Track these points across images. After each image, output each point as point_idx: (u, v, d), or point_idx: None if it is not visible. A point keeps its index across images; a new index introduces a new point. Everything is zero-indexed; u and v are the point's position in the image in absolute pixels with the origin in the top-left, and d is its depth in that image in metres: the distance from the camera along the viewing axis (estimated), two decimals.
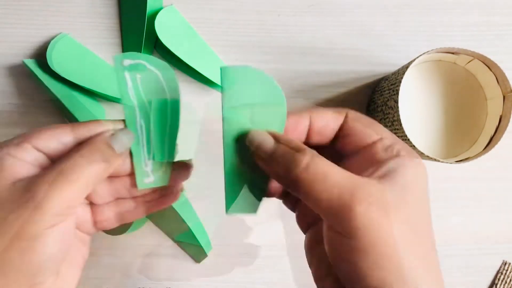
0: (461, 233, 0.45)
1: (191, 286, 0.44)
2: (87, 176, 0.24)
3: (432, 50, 0.37)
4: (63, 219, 0.23)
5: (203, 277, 0.44)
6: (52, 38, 0.42)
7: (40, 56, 0.43)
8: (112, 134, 0.26)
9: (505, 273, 0.45)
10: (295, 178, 0.23)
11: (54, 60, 0.41)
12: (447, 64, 0.42)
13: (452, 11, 0.45)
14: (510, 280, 0.45)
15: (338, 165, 0.23)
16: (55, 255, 0.23)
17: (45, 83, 0.41)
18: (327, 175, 0.22)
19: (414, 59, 0.37)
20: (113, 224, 0.29)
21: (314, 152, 0.24)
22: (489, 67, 0.38)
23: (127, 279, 0.44)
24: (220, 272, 0.44)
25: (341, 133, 0.27)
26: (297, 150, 0.24)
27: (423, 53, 0.37)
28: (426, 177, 0.24)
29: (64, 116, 0.43)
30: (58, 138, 0.25)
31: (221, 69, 0.26)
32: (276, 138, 0.25)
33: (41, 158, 0.25)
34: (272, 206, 0.43)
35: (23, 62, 0.41)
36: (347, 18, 0.45)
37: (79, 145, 0.25)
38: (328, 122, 0.27)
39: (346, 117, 0.27)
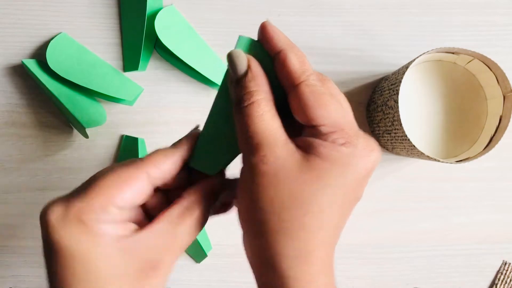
0: (461, 233, 0.45)
1: (191, 286, 0.44)
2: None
3: (432, 50, 0.37)
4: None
5: (203, 277, 0.44)
6: (52, 38, 0.42)
7: (40, 56, 0.43)
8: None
9: (505, 273, 0.45)
10: (238, 110, 0.24)
11: (54, 60, 0.41)
12: (447, 64, 0.42)
13: (452, 11, 0.45)
14: (510, 280, 0.45)
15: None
16: None
17: (44, 83, 0.41)
18: (258, 120, 0.23)
19: (414, 59, 0.37)
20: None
21: (266, 98, 0.24)
22: (489, 67, 0.38)
23: None
24: (219, 272, 0.44)
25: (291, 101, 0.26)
26: (253, 89, 0.24)
27: (423, 53, 0.37)
28: (358, 176, 0.23)
29: (64, 116, 0.43)
30: (137, 189, 0.24)
31: (239, 37, 0.27)
32: (249, 68, 0.25)
33: (125, 214, 0.24)
34: None
35: (23, 62, 0.41)
36: (347, 18, 0.45)
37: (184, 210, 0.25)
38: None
39: (299, 86, 0.25)
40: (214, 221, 0.44)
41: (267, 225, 0.23)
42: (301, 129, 0.24)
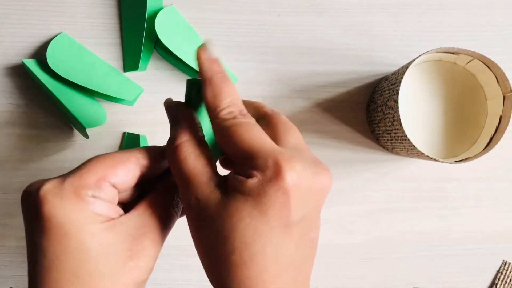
0: (461, 233, 0.45)
1: (191, 286, 0.44)
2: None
3: (432, 50, 0.37)
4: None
5: (203, 277, 0.44)
6: (52, 38, 0.42)
7: (40, 56, 0.43)
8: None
9: (505, 273, 0.45)
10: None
11: (54, 60, 0.41)
12: (447, 64, 0.42)
13: (452, 11, 0.45)
14: (510, 280, 0.45)
15: None
16: None
17: (44, 83, 0.41)
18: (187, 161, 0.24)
19: (414, 59, 0.37)
20: None
21: (190, 145, 0.25)
22: (489, 67, 0.38)
23: None
24: None
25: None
26: (173, 137, 0.25)
27: (423, 53, 0.37)
28: (277, 210, 0.22)
29: (64, 116, 0.43)
30: (131, 173, 0.25)
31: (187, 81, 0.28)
32: (170, 114, 0.27)
33: (115, 194, 0.25)
34: None
35: (23, 62, 0.41)
36: (347, 18, 0.45)
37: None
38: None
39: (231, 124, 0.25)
40: None
41: (205, 264, 0.24)
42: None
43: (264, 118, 0.26)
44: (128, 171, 0.25)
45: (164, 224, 0.26)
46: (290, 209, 0.22)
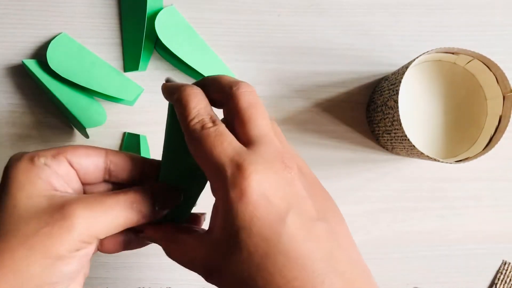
0: (461, 233, 0.45)
1: (191, 286, 0.44)
2: (122, 218, 0.25)
3: (432, 50, 0.37)
4: (87, 246, 0.24)
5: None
6: (52, 38, 0.42)
7: (40, 56, 0.43)
8: (159, 191, 0.27)
9: (505, 273, 0.45)
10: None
11: (54, 60, 0.41)
12: (447, 64, 0.42)
13: (452, 11, 0.45)
14: (510, 280, 0.45)
15: None
16: (70, 274, 0.24)
17: (45, 83, 0.41)
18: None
19: (414, 59, 0.37)
20: (116, 250, 0.29)
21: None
22: (489, 67, 0.38)
23: (127, 279, 0.44)
24: None
25: None
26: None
27: (423, 53, 0.37)
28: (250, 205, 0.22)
29: (64, 116, 0.43)
30: (92, 159, 0.26)
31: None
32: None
33: (72, 175, 0.26)
34: None
35: (23, 63, 0.41)
36: (347, 18, 0.45)
37: (128, 189, 0.26)
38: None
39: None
40: None
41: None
42: None
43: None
44: (87, 155, 0.26)
45: (112, 221, 0.25)
46: (265, 217, 0.21)
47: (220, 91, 0.25)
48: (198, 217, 0.30)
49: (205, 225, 0.27)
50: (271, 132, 0.24)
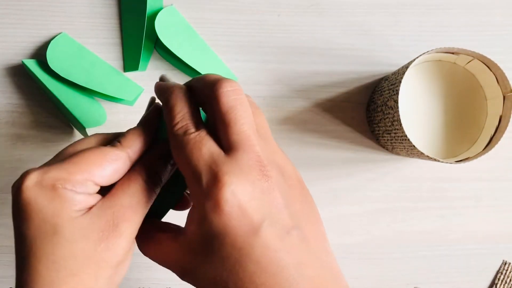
0: (461, 233, 0.45)
1: (191, 286, 0.44)
2: (151, 201, 0.26)
3: (432, 50, 0.37)
4: (134, 244, 0.25)
5: None
6: (52, 38, 0.42)
7: (40, 56, 0.43)
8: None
9: (505, 273, 0.45)
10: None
11: (54, 60, 0.41)
12: (447, 64, 0.42)
13: (452, 11, 0.45)
14: (510, 280, 0.45)
15: None
16: (125, 272, 0.25)
17: (44, 83, 0.41)
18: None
19: (414, 59, 0.37)
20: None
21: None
22: (489, 67, 0.38)
23: (127, 279, 0.44)
24: None
25: None
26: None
27: (423, 53, 0.37)
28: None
29: (64, 116, 0.43)
30: (120, 173, 0.26)
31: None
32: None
33: (97, 189, 0.25)
34: None
35: (23, 62, 0.41)
36: (347, 18, 0.45)
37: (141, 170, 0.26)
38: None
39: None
40: None
41: None
42: None
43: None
44: (116, 170, 0.25)
45: (139, 200, 0.25)
46: (237, 228, 0.22)
47: (203, 92, 0.25)
48: (186, 200, 0.30)
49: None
50: (251, 136, 0.23)
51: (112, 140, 0.27)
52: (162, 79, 0.28)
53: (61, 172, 0.24)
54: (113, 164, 0.25)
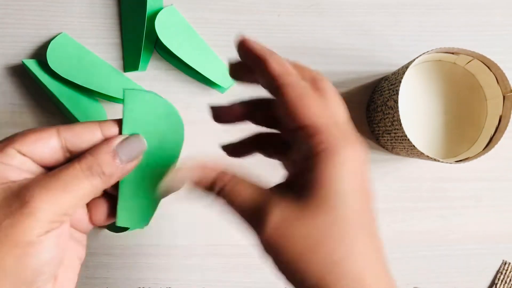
0: (461, 233, 0.45)
1: (191, 286, 0.44)
2: (85, 189, 0.24)
3: (432, 50, 0.37)
4: (58, 225, 0.23)
5: (203, 277, 0.44)
6: (52, 38, 0.42)
7: (40, 56, 0.43)
8: (121, 142, 0.25)
9: (505, 273, 0.45)
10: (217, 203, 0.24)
11: (54, 60, 0.41)
12: (447, 64, 0.42)
13: (452, 11, 0.45)
14: (510, 280, 0.45)
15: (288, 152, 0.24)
16: (51, 260, 0.23)
17: (45, 83, 0.41)
18: (235, 204, 0.23)
19: (414, 59, 0.37)
20: (106, 220, 0.28)
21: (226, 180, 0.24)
22: (489, 67, 0.38)
23: (127, 279, 0.44)
24: (219, 272, 0.44)
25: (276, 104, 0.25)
26: (208, 189, 0.24)
27: (423, 53, 0.37)
28: (356, 171, 0.23)
29: (64, 116, 0.43)
30: (44, 143, 0.24)
31: (124, 91, 0.26)
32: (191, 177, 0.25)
33: (28, 163, 0.24)
34: None
35: (23, 63, 0.41)
36: (347, 18, 0.45)
37: (81, 155, 0.24)
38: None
39: (286, 90, 0.24)
40: (213, 221, 0.44)
41: (294, 268, 0.22)
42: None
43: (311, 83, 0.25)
44: (37, 140, 0.24)
45: (67, 188, 0.23)
46: (364, 184, 0.23)
47: (301, 71, 0.25)
48: None
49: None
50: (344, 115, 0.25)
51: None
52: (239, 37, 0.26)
53: None
54: (37, 133, 0.24)
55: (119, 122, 0.26)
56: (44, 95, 0.43)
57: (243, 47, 0.25)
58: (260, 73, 0.24)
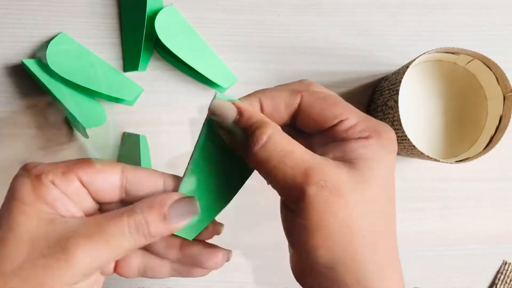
0: (461, 233, 0.45)
1: (191, 286, 0.44)
2: (127, 246, 0.23)
3: (432, 50, 0.37)
4: (88, 277, 0.23)
5: (203, 277, 0.44)
6: (52, 38, 0.42)
7: (40, 55, 0.43)
8: (173, 203, 0.24)
9: (505, 273, 0.45)
10: (253, 156, 0.23)
11: (54, 60, 0.41)
12: (447, 64, 0.42)
13: (452, 11, 0.45)
14: (510, 280, 0.45)
15: (302, 142, 0.23)
16: None
17: (44, 83, 0.41)
18: (284, 155, 0.22)
19: (414, 59, 0.37)
20: (133, 275, 0.27)
21: (276, 128, 0.23)
22: (489, 67, 0.38)
23: (127, 279, 0.44)
24: (219, 272, 0.44)
25: (300, 114, 0.25)
26: (258, 126, 0.23)
27: (423, 53, 0.37)
28: (392, 160, 0.23)
29: (64, 116, 0.43)
30: (106, 177, 0.24)
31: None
32: (240, 110, 0.24)
33: (83, 194, 0.24)
34: (272, 206, 0.43)
35: (22, 62, 0.41)
36: (347, 18, 0.45)
37: (134, 206, 0.23)
38: (279, 105, 0.25)
39: (302, 98, 0.25)
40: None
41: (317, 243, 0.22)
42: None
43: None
44: (101, 173, 0.24)
45: (110, 242, 0.23)
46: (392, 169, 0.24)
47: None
48: (211, 230, 0.28)
49: None
50: None
51: None
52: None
53: (50, 166, 0.23)
54: (103, 166, 0.24)
55: (179, 180, 0.26)
56: (44, 95, 0.43)
57: (239, 111, 0.24)
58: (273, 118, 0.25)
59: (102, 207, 0.26)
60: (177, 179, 0.26)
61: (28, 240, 0.22)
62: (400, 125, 0.37)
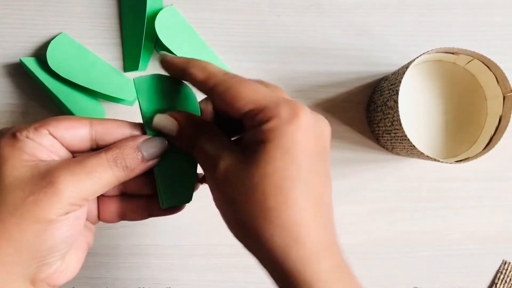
0: (461, 233, 0.45)
1: (191, 286, 0.44)
2: (107, 177, 0.25)
3: (432, 50, 0.37)
4: (77, 208, 0.25)
5: (203, 277, 0.44)
6: (52, 38, 0.42)
7: (40, 56, 0.43)
8: (144, 140, 0.27)
9: (505, 273, 0.45)
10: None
11: (54, 60, 0.41)
12: (447, 64, 0.42)
13: (452, 11, 0.45)
14: (510, 280, 0.45)
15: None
16: (66, 239, 0.25)
17: (44, 82, 0.41)
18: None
19: (414, 59, 0.37)
20: (113, 219, 0.30)
21: (201, 139, 0.26)
22: (489, 67, 0.38)
23: (127, 279, 0.44)
24: (219, 272, 0.44)
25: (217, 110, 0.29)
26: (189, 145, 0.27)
27: (423, 53, 0.37)
28: (295, 132, 0.24)
29: (64, 115, 0.43)
30: (75, 130, 0.26)
31: (134, 80, 0.28)
32: (178, 125, 0.27)
33: (57, 146, 0.26)
34: None
35: (21, 60, 0.41)
36: (347, 18, 0.45)
37: (111, 146, 0.26)
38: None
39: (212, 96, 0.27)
40: (213, 221, 0.44)
41: (234, 221, 0.25)
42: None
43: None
44: (70, 127, 0.26)
45: (91, 174, 0.25)
46: (311, 144, 0.24)
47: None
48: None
49: None
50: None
51: None
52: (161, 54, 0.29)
53: (23, 125, 0.25)
54: (71, 120, 0.26)
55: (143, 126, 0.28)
56: (44, 94, 0.43)
57: (165, 64, 0.28)
58: (190, 82, 0.27)
59: (76, 156, 0.28)
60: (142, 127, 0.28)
61: (17, 184, 0.24)
62: (400, 125, 0.37)
